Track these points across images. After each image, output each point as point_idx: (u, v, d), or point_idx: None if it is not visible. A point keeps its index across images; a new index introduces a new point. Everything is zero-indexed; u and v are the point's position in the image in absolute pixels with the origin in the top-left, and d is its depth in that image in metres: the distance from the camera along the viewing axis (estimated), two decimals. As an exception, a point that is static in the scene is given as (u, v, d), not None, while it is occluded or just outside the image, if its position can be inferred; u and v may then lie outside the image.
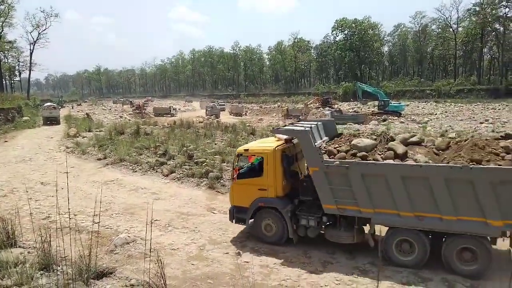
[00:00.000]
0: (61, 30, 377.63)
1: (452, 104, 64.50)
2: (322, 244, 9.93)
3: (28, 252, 8.95)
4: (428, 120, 43.91)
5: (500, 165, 7.72)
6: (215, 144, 23.07)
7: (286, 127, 11.05)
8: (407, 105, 61.22)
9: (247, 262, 8.91)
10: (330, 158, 9.11)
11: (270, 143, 10.51)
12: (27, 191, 15.77)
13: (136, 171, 18.98)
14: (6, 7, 61.91)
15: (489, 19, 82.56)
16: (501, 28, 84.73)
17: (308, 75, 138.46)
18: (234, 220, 10.73)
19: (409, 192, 8.26)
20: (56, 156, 24.62)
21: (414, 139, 9.51)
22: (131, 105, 79.76)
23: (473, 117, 45.53)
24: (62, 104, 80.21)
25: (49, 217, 12.28)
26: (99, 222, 11.14)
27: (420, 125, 39.42)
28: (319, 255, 9.32)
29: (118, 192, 15.86)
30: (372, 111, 55.69)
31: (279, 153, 9.95)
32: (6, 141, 30.87)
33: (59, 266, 8.03)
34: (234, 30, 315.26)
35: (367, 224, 9.25)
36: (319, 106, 63.10)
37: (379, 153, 9.03)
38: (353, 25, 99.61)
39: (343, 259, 9.13)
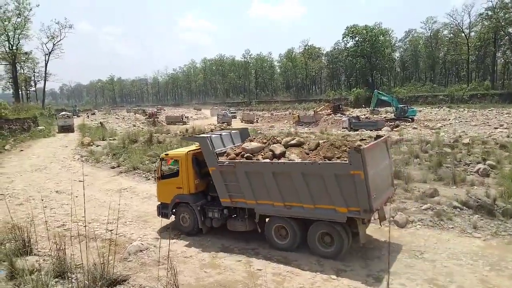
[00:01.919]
0: (75, 41, 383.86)
1: (466, 109, 63.59)
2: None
3: (44, 260, 9.08)
4: (442, 126, 43.39)
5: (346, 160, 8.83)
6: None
7: (194, 135, 13.36)
8: (420, 111, 60.59)
9: (260, 269, 8.89)
10: (226, 159, 10.60)
11: (185, 149, 12.21)
12: (42, 200, 16.03)
13: (149, 179, 19.14)
14: (23, 20, 63.32)
15: (502, 23, 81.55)
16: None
17: (319, 82, 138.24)
18: (160, 215, 12.34)
19: (279, 186, 9.66)
20: (70, 164, 24.97)
21: (293, 142, 10.86)
22: (144, 113, 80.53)
23: (487, 122, 44.80)
24: (77, 114, 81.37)
25: (64, 225, 12.44)
26: (112, 230, 11.32)
27: (433, 131, 38.99)
28: (332, 263, 9.24)
29: (132, 200, 16.00)
30: (385, 117, 55.24)
31: (190, 157, 11.52)
32: (22, 150, 31.40)
33: (74, 274, 8.11)
34: (244, 38, 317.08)
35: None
36: (330, 112, 62.84)
37: (262, 154, 10.47)
38: (364, 31, 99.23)
39: (356, 266, 9.04)
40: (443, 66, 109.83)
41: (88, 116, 75.55)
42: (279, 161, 9.87)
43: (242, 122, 67.02)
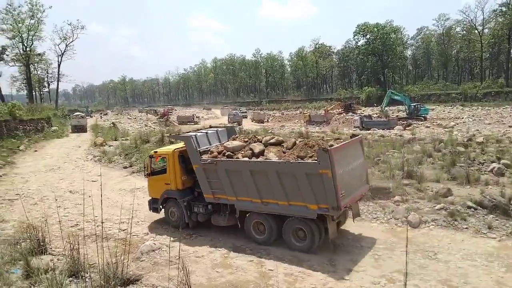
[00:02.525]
0: (88, 42, 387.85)
1: (479, 107, 62.69)
2: (347, 252, 9.84)
3: (58, 259, 9.20)
4: (455, 125, 42.87)
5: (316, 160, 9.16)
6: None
7: (179, 134, 14.11)
8: (432, 110, 59.93)
9: (272, 270, 8.89)
10: (210, 157, 11.04)
11: (173, 147, 12.85)
12: (56, 199, 16.20)
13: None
14: (36, 21, 64.08)
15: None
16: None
17: (330, 80, 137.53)
18: (151, 210, 13.07)
19: (256, 183, 10.11)
20: (83, 164, 25.26)
21: (273, 141, 11.25)
22: (155, 114, 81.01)
23: (502, 121, 44.13)
24: (90, 114, 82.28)
25: (77, 224, 12.58)
26: (125, 230, 11.41)
27: (446, 129, 38.53)
28: (344, 263, 9.20)
29: (144, 199, 16.03)
30: (397, 116, 54.74)
31: (176, 155, 12.04)
32: (36, 151, 31.85)
33: (87, 273, 8.20)
34: (254, 38, 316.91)
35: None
36: (342, 111, 62.47)
37: (242, 152, 10.87)
38: (375, 29, 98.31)
39: (369, 267, 8.98)
40: (456, 63, 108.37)
41: (101, 117, 76.33)
42: (256, 159, 10.36)
43: (252, 121, 66.99)
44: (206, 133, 12.65)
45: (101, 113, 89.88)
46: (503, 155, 18.52)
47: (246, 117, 73.31)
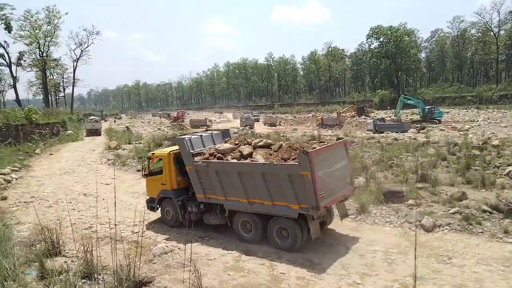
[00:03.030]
0: (102, 47, 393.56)
1: (495, 110, 61.63)
2: (360, 256, 9.76)
3: (72, 261, 9.31)
4: (470, 128, 42.24)
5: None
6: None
7: (173, 137, 14.89)
8: (447, 113, 59.15)
9: (283, 273, 8.85)
10: (202, 159, 11.56)
11: (169, 149, 13.42)
12: (70, 202, 16.46)
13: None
14: (53, 27, 65.23)
15: (534, 21, 78.85)
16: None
17: (342, 83, 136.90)
18: (149, 209, 13.57)
19: (244, 184, 10.57)
20: (98, 168, 25.56)
21: (261, 143, 11.65)
22: (168, 117, 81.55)
23: (519, 124, 43.38)
24: (104, 118, 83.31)
25: (91, 227, 12.71)
26: (138, 232, 11.50)
27: (461, 132, 38.00)
28: (357, 267, 9.12)
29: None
30: (411, 118, 54.18)
31: (172, 156, 12.62)
32: (51, 154, 32.36)
33: (101, 275, 8.29)
34: (267, 42, 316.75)
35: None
36: (354, 114, 62.08)
37: (232, 154, 11.32)
38: (389, 32, 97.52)
39: (382, 271, 8.88)
40: (471, 66, 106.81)
41: (114, 121, 77.15)
42: (244, 161, 10.79)
43: (265, 125, 67.03)
44: (201, 136, 13.15)
45: (115, 117, 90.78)
46: (519, 159, 18.19)
47: (258, 121, 73.39)
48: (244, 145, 11.70)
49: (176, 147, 12.85)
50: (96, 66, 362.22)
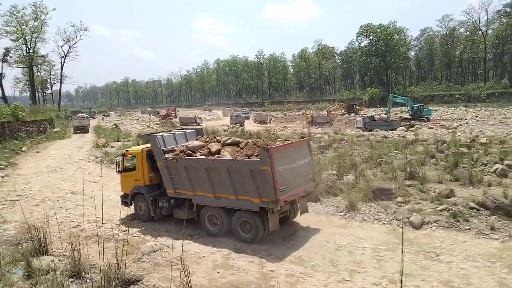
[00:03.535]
0: (91, 44, 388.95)
1: (483, 108, 62.48)
2: (349, 253, 9.80)
3: (59, 260, 9.20)
4: (458, 126, 42.72)
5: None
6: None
7: (146, 134, 15.56)
8: (436, 110, 59.77)
9: (273, 271, 8.85)
10: (172, 156, 11.96)
11: (142, 146, 13.97)
12: (57, 200, 16.30)
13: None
14: (40, 23, 64.31)
15: (521, 20, 79.92)
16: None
17: (332, 81, 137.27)
18: (123, 204, 13.84)
19: (210, 179, 11.04)
20: (85, 166, 25.31)
21: (230, 141, 12.05)
22: (157, 115, 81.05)
23: (505, 122, 43.93)
24: (93, 115, 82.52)
25: (79, 225, 12.58)
26: (126, 231, 11.42)
27: (449, 130, 38.41)
28: (346, 264, 9.16)
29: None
30: (400, 116, 54.61)
31: (144, 153, 13.03)
32: (38, 152, 31.96)
33: (88, 274, 8.20)
34: (258, 39, 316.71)
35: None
36: (344, 112, 62.37)
37: (201, 151, 11.72)
38: (378, 30, 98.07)
39: (370, 268, 8.93)
40: (460, 64, 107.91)
41: (102, 118, 76.47)
42: (210, 157, 11.26)
43: (255, 122, 67.09)
44: (174, 134, 13.62)
45: (103, 114, 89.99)
46: (506, 156, 18.47)
47: (249, 118, 73.40)
48: (214, 142, 12.16)
49: (149, 145, 13.16)
50: (85, 63, 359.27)
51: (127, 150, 14.42)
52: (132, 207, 13.74)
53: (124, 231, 11.65)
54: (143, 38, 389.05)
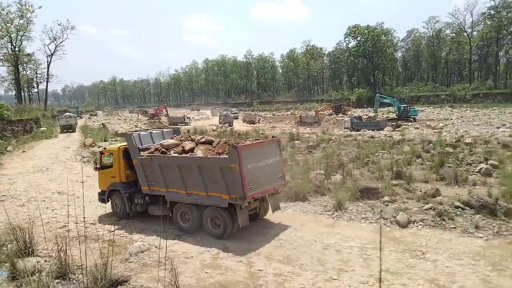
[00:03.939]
0: (78, 43, 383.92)
1: (468, 109, 63.46)
2: (337, 252, 9.87)
3: (45, 261, 9.09)
4: (444, 126, 43.28)
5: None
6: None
7: (123, 133, 16.03)
8: (422, 111, 60.47)
9: (261, 270, 8.86)
10: (147, 153, 12.25)
11: (119, 144, 14.28)
12: (43, 201, 16.08)
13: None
14: (25, 21, 63.42)
15: (505, 23, 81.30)
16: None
17: (321, 82, 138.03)
18: (100, 201, 14.20)
19: (182, 176, 11.34)
20: (72, 165, 25.02)
21: (203, 140, 12.34)
22: (145, 114, 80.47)
23: (490, 122, 44.69)
24: (80, 115, 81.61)
25: (65, 226, 12.41)
26: (113, 231, 11.32)
27: (435, 130, 38.90)
28: (334, 263, 9.22)
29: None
30: (387, 117, 55.14)
31: (121, 151, 13.22)
32: (24, 152, 31.51)
33: (75, 275, 8.13)
34: (247, 40, 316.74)
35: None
36: (332, 113, 62.75)
37: (175, 149, 11.97)
38: (366, 31, 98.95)
39: (357, 266, 9.01)
40: (445, 65, 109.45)
41: (89, 117, 75.66)
42: (182, 155, 11.53)
43: (244, 122, 67.11)
44: (151, 132, 14.05)
45: (90, 114, 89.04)
46: (490, 156, 18.80)
47: (237, 118, 73.35)
48: (188, 141, 12.45)
49: (124, 143, 13.59)
50: (72, 62, 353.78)
51: (104, 148, 14.72)
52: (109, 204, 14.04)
53: (112, 231, 11.55)
54: (131, 37, 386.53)
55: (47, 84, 76.44)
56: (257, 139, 13.27)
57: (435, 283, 8.07)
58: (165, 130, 14.62)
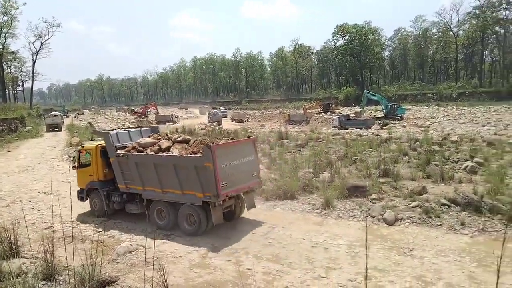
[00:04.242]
0: (64, 40, 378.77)
1: (454, 107, 64.29)
2: (325, 250, 9.92)
3: (31, 262, 8.96)
4: (430, 124, 43.77)
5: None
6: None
7: (100, 131, 15.79)
8: (409, 109, 61.07)
9: (250, 269, 8.86)
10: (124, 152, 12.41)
11: (97, 142, 14.26)
12: (29, 201, 15.86)
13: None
14: (9, 18, 62.43)
15: (490, 22, 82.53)
16: (502, 31, 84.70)
17: (309, 80, 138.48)
18: (79, 199, 14.22)
19: (158, 174, 11.51)
20: (58, 165, 24.73)
21: (180, 138, 12.47)
22: (133, 112, 79.79)
23: (475, 120, 45.36)
24: (67, 114, 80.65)
25: (51, 226, 12.28)
26: (101, 231, 11.22)
27: (422, 129, 39.31)
28: (322, 261, 9.27)
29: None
30: (374, 115, 55.56)
31: (99, 149, 13.35)
32: (9, 151, 31.05)
33: (62, 276, 8.03)
34: (236, 38, 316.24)
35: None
36: (321, 111, 62.98)
37: (151, 148, 12.19)
38: (354, 30, 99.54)
39: (345, 264, 9.07)
40: (432, 64, 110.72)
41: (75, 116, 74.80)
42: (158, 154, 11.76)
43: (232, 121, 66.94)
44: (129, 131, 14.22)
45: (77, 113, 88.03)
46: (476, 154, 19.06)
47: (226, 117, 73.17)
48: (164, 140, 12.61)
49: (101, 142, 13.61)
50: (58, 60, 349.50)
51: (82, 147, 14.86)
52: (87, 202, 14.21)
53: (99, 231, 11.45)
54: (118, 34, 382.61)
55: (32, 82, 75.50)
56: (233, 139, 13.45)
57: (422, 280, 8.16)
58: (143, 128, 14.87)
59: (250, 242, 10.68)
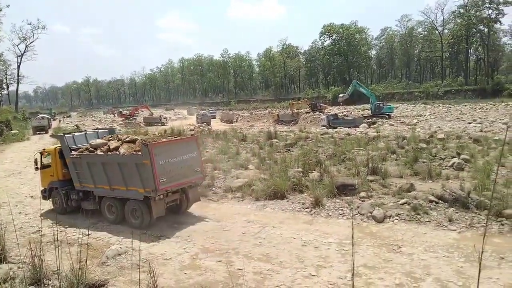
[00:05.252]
0: (50, 42, 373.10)
1: (440, 105, 65.05)
2: (314, 249, 9.96)
3: (18, 267, 8.83)
4: (417, 122, 44.21)
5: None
6: (206, 151, 23.02)
7: (56, 134, 18.36)
8: (396, 108, 61.62)
9: (240, 269, 8.86)
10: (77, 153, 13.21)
11: (56, 145, 14.96)
12: (16, 205, 15.62)
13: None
14: (-8, 21, 61.54)
15: (474, 21, 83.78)
16: (486, 29, 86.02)
17: (297, 80, 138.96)
18: (42, 198, 14.88)
19: (106, 172, 12.36)
20: (45, 169, 24.35)
21: (128, 139, 13.23)
22: (121, 115, 78.96)
23: (461, 118, 45.94)
24: (54, 117, 79.68)
25: (39, 231, 12.09)
26: (90, 234, 11.08)
27: (409, 127, 39.67)
28: (312, 259, 9.31)
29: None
30: (362, 114, 55.92)
31: (58, 151, 14.18)
32: (-6, 155, 30.52)
33: (50, 281, 7.95)
34: (223, 38, 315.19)
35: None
36: (309, 111, 63.19)
37: (102, 148, 12.90)
38: (341, 30, 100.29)
39: (336, 262, 9.12)
40: (418, 63, 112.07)
41: (63, 118, 73.94)
42: (106, 153, 12.50)
43: (221, 122, 66.76)
44: (85, 133, 15.16)
45: (63, 115, 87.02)
46: (462, 151, 19.32)
47: (215, 118, 72.98)
48: (114, 140, 13.36)
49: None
50: (44, 62, 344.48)
51: (44, 149, 15.60)
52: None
53: (87, 235, 11.32)
54: (104, 35, 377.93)
55: (17, 85, 74.73)
56: (175, 137, 14.48)
57: (411, 276, 8.25)
58: (100, 130, 15.81)
59: (241, 242, 10.66)
